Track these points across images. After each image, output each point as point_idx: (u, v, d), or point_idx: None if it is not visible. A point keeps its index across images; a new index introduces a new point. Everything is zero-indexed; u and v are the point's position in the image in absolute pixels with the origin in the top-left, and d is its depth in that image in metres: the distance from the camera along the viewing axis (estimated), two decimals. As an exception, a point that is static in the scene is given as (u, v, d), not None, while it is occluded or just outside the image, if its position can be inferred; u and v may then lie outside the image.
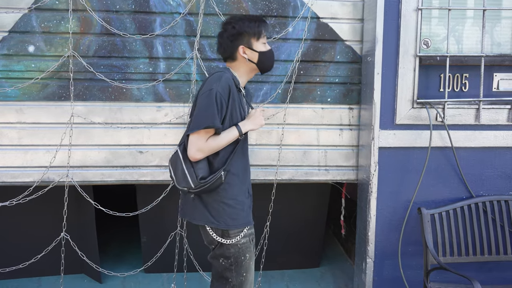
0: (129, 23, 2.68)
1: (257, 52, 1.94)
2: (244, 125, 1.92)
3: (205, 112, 1.81)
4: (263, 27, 1.95)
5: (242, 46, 1.94)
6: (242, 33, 1.93)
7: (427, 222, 2.63)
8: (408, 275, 2.80)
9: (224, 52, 1.98)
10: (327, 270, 3.49)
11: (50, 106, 2.69)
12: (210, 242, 1.96)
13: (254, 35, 1.93)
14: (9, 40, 2.62)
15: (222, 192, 1.90)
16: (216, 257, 1.95)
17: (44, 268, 3.08)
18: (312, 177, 2.91)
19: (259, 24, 1.93)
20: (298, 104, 2.85)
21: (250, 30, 1.92)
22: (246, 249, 1.95)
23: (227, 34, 1.94)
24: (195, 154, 1.83)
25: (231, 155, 1.91)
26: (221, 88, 1.83)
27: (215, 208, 1.90)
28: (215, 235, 1.92)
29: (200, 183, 1.83)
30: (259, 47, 1.95)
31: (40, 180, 2.69)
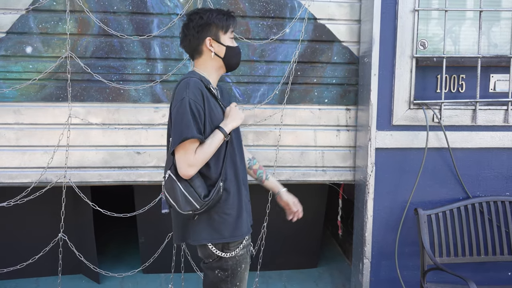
0: (126, 24, 2.69)
1: (225, 46, 1.81)
2: (225, 125, 1.78)
3: (181, 124, 1.68)
4: (231, 21, 1.83)
5: (209, 37, 1.80)
6: (210, 24, 1.79)
7: (423, 223, 2.64)
8: (405, 275, 2.81)
9: (190, 44, 1.82)
10: (325, 270, 3.49)
11: (48, 107, 2.70)
12: (207, 256, 1.83)
13: (222, 27, 1.80)
14: (7, 41, 2.62)
15: (222, 203, 1.78)
16: (212, 268, 1.83)
17: (42, 268, 3.08)
18: (309, 178, 2.91)
19: (227, 17, 1.82)
20: (295, 105, 2.85)
21: (219, 22, 1.80)
22: (243, 260, 1.85)
23: (194, 24, 1.79)
24: (187, 170, 1.68)
25: (223, 163, 1.79)
26: (192, 94, 1.70)
27: (217, 220, 1.78)
28: (215, 249, 1.80)
29: (204, 202, 1.69)
30: (227, 41, 1.82)
31: (38, 181, 2.70)
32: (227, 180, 1.80)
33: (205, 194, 1.72)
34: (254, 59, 2.79)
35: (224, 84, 2.79)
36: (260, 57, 2.79)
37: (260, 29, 2.77)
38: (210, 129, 1.77)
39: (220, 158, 1.79)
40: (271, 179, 2.08)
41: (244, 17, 2.75)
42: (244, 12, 2.74)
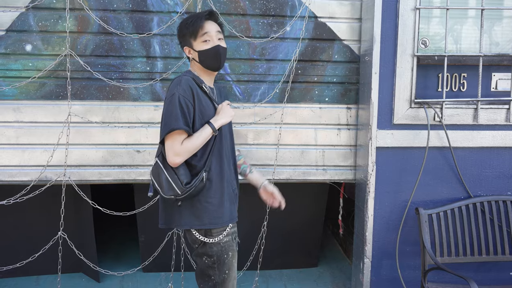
0: (126, 22, 2.68)
1: (196, 52, 1.94)
2: (215, 120, 1.92)
3: (170, 117, 1.83)
4: (197, 25, 1.92)
5: (185, 47, 1.98)
6: (183, 35, 1.97)
7: (424, 222, 2.62)
8: (406, 275, 2.80)
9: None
10: (325, 269, 3.48)
11: (48, 105, 2.69)
12: (193, 242, 1.98)
13: (191, 35, 1.94)
14: (7, 39, 2.62)
15: (205, 191, 1.92)
16: (200, 255, 1.97)
17: (42, 267, 3.08)
18: (310, 177, 2.90)
19: (193, 22, 1.92)
20: (295, 104, 2.84)
21: (187, 30, 1.94)
22: (229, 247, 1.96)
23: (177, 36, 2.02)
24: (173, 159, 1.83)
25: (209, 155, 1.92)
26: (182, 90, 1.85)
27: (199, 208, 1.91)
28: (198, 234, 1.93)
29: (185, 188, 1.84)
30: (198, 46, 1.93)
31: (38, 179, 2.70)
32: (211, 171, 1.92)
33: (187, 181, 1.85)
34: (254, 58, 2.78)
35: (224, 83, 2.78)
36: (261, 55, 2.78)
37: (260, 27, 2.76)
38: (200, 124, 1.90)
39: (207, 150, 1.92)
40: (254, 173, 2.19)
41: (245, 15, 2.74)
42: (244, 10, 2.73)
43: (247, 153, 2.83)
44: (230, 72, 2.77)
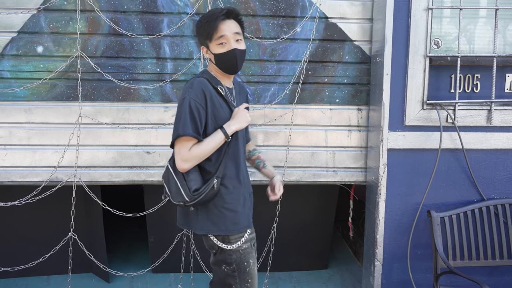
0: (136, 23, 2.68)
1: (213, 54, 1.84)
2: (229, 126, 1.81)
3: (179, 122, 1.77)
4: (212, 27, 1.79)
5: (202, 47, 1.89)
6: (199, 35, 1.87)
7: (437, 225, 2.59)
8: (417, 278, 2.76)
9: None
10: (335, 272, 3.46)
11: (59, 106, 2.71)
12: (211, 247, 1.91)
13: (206, 37, 1.83)
14: (18, 40, 2.63)
15: (220, 198, 1.84)
16: (218, 263, 1.90)
17: (53, 267, 3.10)
18: (320, 178, 2.88)
19: (208, 23, 1.79)
20: (306, 105, 2.82)
21: (203, 31, 1.83)
22: (248, 254, 1.89)
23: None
24: (181, 164, 1.77)
25: (223, 160, 1.83)
26: (193, 94, 1.76)
27: (216, 214, 1.84)
28: (216, 240, 1.87)
29: (193, 195, 1.77)
30: (214, 49, 1.82)
31: (49, 180, 2.71)
32: (226, 177, 1.85)
33: (196, 188, 1.78)
34: (264, 59, 2.77)
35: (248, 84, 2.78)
36: (271, 56, 2.77)
37: (270, 28, 2.74)
38: (214, 128, 1.82)
39: (220, 155, 1.85)
40: (268, 167, 2.13)
41: (255, 16, 2.73)
42: (254, 11, 2.72)
43: (256, 154, 2.82)
44: (240, 73, 2.76)
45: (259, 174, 2.81)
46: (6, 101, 2.66)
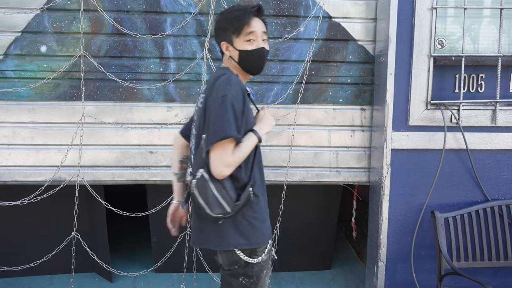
0: (140, 23, 2.68)
1: (237, 51, 1.68)
2: (260, 129, 1.68)
3: (222, 122, 1.56)
4: (244, 21, 1.65)
5: (223, 42, 1.71)
6: (222, 28, 1.70)
7: (440, 226, 2.57)
8: (421, 279, 2.75)
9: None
10: (338, 272, 3.45)
11: (62, 106, 2.71)
12: (232, 263, 1.71)
13: (234, 31, 1.67)
14: (22, 40, 2.64)
15: (250, 208, 1.68)
16: (236, 275, 1.71)
17: (56, 266, 3.10)
18: (323, 178, 2.87)
19: (239, 17, 1.65)
20: (309, 105, 2.81)
21: (229, 24, 1.67)
22: (266, 265, 1.75)
23: (215, 27, 1.74)
24: (222, 171, 1.57)
25: (253, 166, 1.69)
26: (234, 91, 1.58)
27: (245, 225, 1.67)
28: (243, 255, 1.68)
29: (236, 205, 1.59)
30: (240, 45, 1.67)
31: (52, 179, 2.71)
32: (256, 184, 1.71)
33: (235, 197, 1.62)
34: (267, 58, 2.74)
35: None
36: (274, 56, 2.76)
37: (274, 28, 2.74)
38: (243, 131, 1.65)
39: (249, 161, 1.69)
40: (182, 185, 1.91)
41: (258, 15, 2.72)
42: (258, 11, 2.71)
43: (260, 154, 2.81)
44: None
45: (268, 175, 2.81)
46: (10, 100, 2.67)
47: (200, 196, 1.61)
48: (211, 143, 1.58)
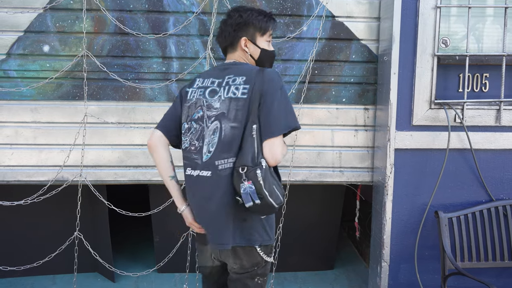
0: (142, 22, 2.67)
1: (260, 49, 1.77)
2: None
3: (287, 113, 1.63)
4: (271, 24, 1.78)
5: (244, 38, 1.75)
6: (248, 24, 1.74)
7: (444, 226, 2.56)
8: (425, 279, 2.74)
9: (224, 40, 1.78)
10: (341, 272, 3.44)
11: (64, 106, 2.71)
12: (254, 264, 1.72)
13: (260, 29, 1.75)
14: (25, 39, 2.64)
15: None
16: (254, 276, 1.74)
17: (58, 266, 3.10)
18: (326, 178, 2.86)
19: (267, 19, 1.77)
20: (312, 104, 2.80)
21: (257, 23, 1.74)
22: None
23: (232, 21, 1.75)
24: (280, 158, 1.62)
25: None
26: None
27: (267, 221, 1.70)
28: (263, 253, 1.71)
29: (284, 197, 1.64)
30: (262, 44, 1.78)
31: (54, 179, 2.71)
32: None
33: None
34: (270, 58, 2.75)
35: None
36: (277, 55, 2.75)
37: (277, 27, 2.72)
38: None
39: None
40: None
41: (261, 15, 2.71)
42: (260, 10, 2.70)
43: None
44: (246, 72, 2.74)
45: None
46: (13, 100, 2.67)
47: (265, 186, 1.57)
48: (279, 132, 1.61)
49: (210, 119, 1.69)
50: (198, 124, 1.71)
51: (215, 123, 1.67)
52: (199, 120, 1.71)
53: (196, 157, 1.70)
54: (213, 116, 1.68)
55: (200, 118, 1.71)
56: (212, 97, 1.70)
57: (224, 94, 1.68)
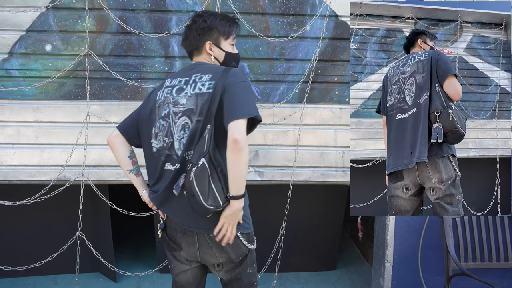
0: (145, 21, 2.66)
1: (224, 52, 1.83)
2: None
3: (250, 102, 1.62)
4: (234, 28, 1.85)
5: (209, 42, 1.81)
6: (212, 28, 1.80)
7: (448, 227, 2.55)
8: (429, 280, 2.73)
9: (190, 44, 1.84)
10: (344, 273, 3.42)
11: (67, 105, 2.69)
12: (240, 253, 1.76)
13: (223, 33, 1.82)
14: (27, 39, 2.62)
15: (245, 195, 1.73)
16: (245, 267, 1.79)
17: (60, 266, 3.09)
18: (329, 178, 2.85)
19: (230, 24, 1.83)
20: (315, 104, 2.79)
21: (221, 27, 1.81)
22: None
23: (196, 26, 1.81)
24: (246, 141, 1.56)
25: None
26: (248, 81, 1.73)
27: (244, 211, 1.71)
28: (246, 242, 1.75)
29: (227, 200, 1.61)
30: (226, 47, 1.83)
31: (56, 179, 2.70)
32: None
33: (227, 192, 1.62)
34: (273, 57, 2.74)
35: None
36: (280, 55, 2.74)
37: (280, 27, 2.72)
38: None
39: None
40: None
41: (264, 14, 2.70)
42: (263, 9, 2.69)
43: (265, 154, 2.79)
44: (249, 72, 2.74)
45: (268, 174, 2.79)
46: (15, 99, 2.66)
47: (197, 184, 1.59)
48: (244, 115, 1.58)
49: (176, 115, 1.72)
50: (164, 121, 1.75)
51: (182, 118, 1.71)
52: (166, 117, 1.74)
53: (171, 152, 1.73)
54: (180, 112, 1.72)
55: (166, 115, 1.74)
56: (179, 94, 1.74)
57: (190, 91, 1.72)
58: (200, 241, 1.74)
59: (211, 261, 1.78)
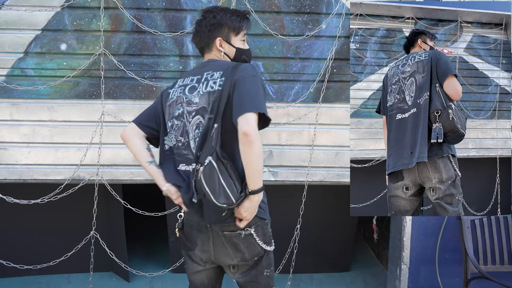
0: (159, 20, 2.65)
1: (235, 48, 1.79)
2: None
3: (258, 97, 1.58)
4: (244, 23, 1.80)
5: (219, 38, 1.78)
6: (222, 24, 1.77)
7: (467, 229, 2.50)
8: (446, 283, 2.68)
9: (200, 41, 1.81)
10: (358, 274, 3.38)
11: (81, 104, 2.70)
12: (255, 254, 1.73)
13: (234, 29, 1.78)
14: (42, 38, 2.63)
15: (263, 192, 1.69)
16: (261, 270, 1.75)
17: (74, 265, 3.09)
18: (344, 179, 2.81)
19: (241, 19, 1.79)
20: (330, 104, 2.76)
21: (231, 23, 1.77)
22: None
23: (206, 22, 1.78)
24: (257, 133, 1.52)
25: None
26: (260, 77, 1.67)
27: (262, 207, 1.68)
28: (261, 242, 1.71)
29: (240, 196, 1.57)
30: (237, 43, 1.80)
31: (71, 178, 2.70)
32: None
33: (240, 188, 1.58)
34: (288, 56, 2.71)
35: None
36: (295, 54, 2.71)
37: (295, 25, 2.69)
38: None
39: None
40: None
41: (279, 12, 2.68)
42: (279, 8, 2.67)
43: (279, 154, 2.77)
44: (264, 71, 2.71)
45: (282, 174, 2.77)
46: (30, 98, 2.66)
47: (206, 184, 1.57)
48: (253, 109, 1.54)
49: (190, 114, 1.71)
50: (179, 121, 1.73)
51: (196, 117, 1.70)
52: (180, 117, 1.73)
53: (186, 152, 1.71)
54: (194, 111, 1.70)
55: (180, 115, 1.73)
56: (192, 93, 1.72)
57: (202, 89, 1.70)
58: (214, 240, 1.72)
59: (226, 261, 1.75)
